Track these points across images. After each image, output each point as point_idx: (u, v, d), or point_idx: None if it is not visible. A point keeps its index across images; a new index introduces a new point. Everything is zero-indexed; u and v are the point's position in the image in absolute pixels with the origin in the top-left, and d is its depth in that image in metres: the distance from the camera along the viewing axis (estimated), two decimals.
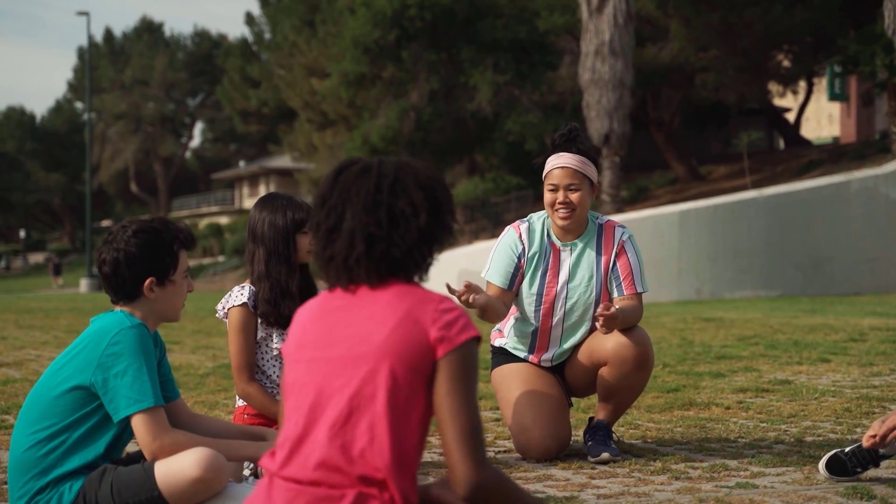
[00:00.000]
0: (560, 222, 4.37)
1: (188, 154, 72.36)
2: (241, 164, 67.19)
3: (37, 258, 72.70)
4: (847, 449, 3.75)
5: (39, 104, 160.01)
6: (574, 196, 4.35)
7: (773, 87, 33.29)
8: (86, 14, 43.08)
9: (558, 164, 4.39)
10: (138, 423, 3.12)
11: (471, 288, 4.03)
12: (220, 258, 48.19)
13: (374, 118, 31.13)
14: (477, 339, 2.14)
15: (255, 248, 4.04)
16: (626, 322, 4.24)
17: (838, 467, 3.72)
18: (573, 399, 4.91)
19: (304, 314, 2.27)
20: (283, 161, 56.98)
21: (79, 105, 70.57)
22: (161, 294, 3.27)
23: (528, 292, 4.43)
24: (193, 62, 67.12)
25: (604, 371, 4.35)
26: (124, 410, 3.12)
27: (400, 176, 2.18)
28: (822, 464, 3.77)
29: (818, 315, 12.97)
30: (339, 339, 2.16)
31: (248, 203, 63.85)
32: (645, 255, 20.28)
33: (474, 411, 2.10)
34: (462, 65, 29.27)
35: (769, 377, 6.81)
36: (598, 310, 4.06)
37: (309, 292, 4.04)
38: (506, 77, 28.55)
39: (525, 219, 4.51)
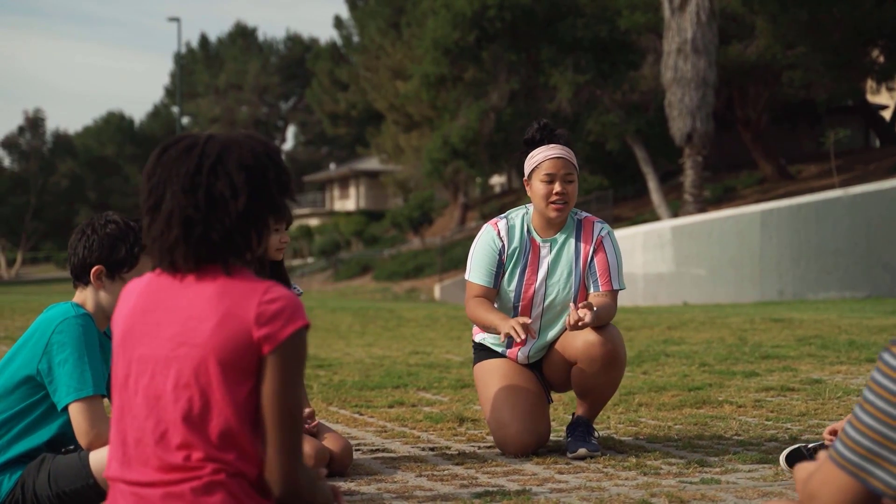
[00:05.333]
0: (553, 214, 4.27)
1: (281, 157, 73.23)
2: (332, 166, 67.83)
3: None
4: (811, 444, 3.57)
5: (138, 109, 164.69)
6: (570, 188, 4.29)
7: (869, 84, 32.36)
8: (177, 20, 44.03)
9: (552, 154, 4.29)
10: (75, 411, 3.14)
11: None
12: (310, 259, 48.66)
13: (455, 119, 31.13)
14: (304, 328, 2.12)
15: None
16: (598, 320, 4.10)
17: (798, 461, 3.54)
18: (558, 395, 4.77)
19: (129, 300, 2.24)
20: (372, 163, 57.38)
21: (175, 110, 72.01)
22: (109, 287, 3.30)
23: (506, 289, 4.35)
24: (286, 66, 68.02)
25: (575, 370, 4.26)
26: (65, 398, 3.13)
27: (223, 155, 2.14)
28: (782, 456, 3.63)
29: None
30: (163, 337, 2.14)
31: (339, 205, 64.40)
32: (726, 255, 19.60)
33: (299, 410, 2.12)
34: (542, 65, 29.08)
35: (803, 377, 6.56)
36: (573, 316, 3.93)
37: None
38: (586, 77, 28.27)
39: (503, 215, 4.42)
